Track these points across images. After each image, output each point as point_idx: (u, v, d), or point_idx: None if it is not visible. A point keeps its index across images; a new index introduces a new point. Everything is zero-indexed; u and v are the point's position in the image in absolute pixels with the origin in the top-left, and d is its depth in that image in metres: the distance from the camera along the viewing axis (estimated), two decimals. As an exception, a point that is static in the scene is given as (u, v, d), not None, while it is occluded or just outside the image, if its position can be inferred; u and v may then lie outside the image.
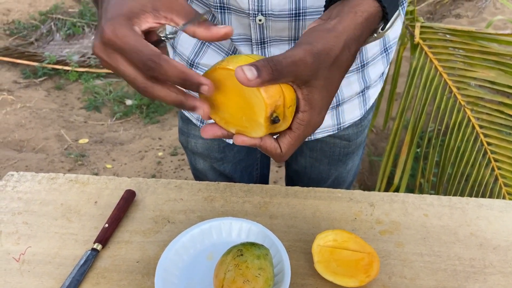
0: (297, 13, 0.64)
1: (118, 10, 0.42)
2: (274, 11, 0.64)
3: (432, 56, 1.61)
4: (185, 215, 0.69)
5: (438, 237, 0.64)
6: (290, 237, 0.65)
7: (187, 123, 0.87)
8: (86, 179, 0.75)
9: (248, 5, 0.63)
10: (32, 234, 0.66)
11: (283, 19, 0.65)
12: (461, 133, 1.51)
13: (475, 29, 1.56)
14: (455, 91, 1.56)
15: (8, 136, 2.22)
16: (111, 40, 0.40)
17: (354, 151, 0.89)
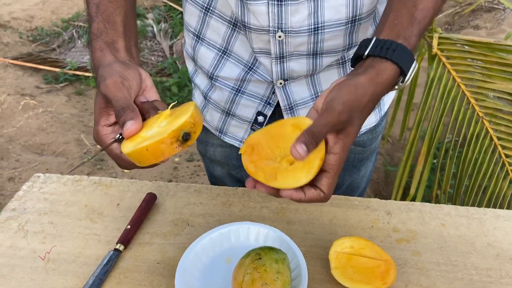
0: (315, 27, 0.67)
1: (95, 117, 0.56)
2: (294, 28, 0.66)
3: (450, 67, 1.61)
4: (204, 219, 0.71)
5: (455, 246, 0.64)
6: (307, 242, 0.66)
7: (205, 132, 0.89)
8: (109, 182, 0.78)
9: (269, 23, 0.66)
10: (57, 234, 0.68)
11: (302, 34, 0.67)
12: (478, 144, 1.50)
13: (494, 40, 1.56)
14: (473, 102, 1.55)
15: (30, 140, 2.27)
16: (100, 145, 0.56)
17: (368, 157, 0.90)
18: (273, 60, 0.70)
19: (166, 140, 0.49)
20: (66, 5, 3.82)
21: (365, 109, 0.52)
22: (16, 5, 3.71)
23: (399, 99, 1.82)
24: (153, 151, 0.49)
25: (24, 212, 0.72)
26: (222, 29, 0.73)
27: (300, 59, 0.71)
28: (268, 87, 0.75)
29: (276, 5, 0.64)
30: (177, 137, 0.49)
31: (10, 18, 3.52)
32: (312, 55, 0.70)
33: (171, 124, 0.50)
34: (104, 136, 0.55)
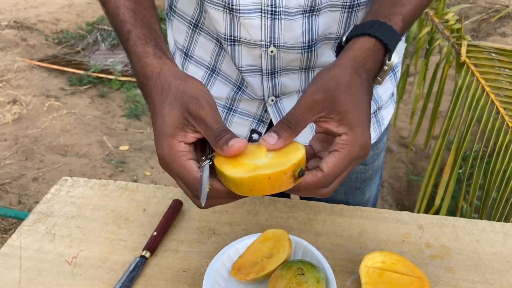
0: (310, 45, 0.65)
1: (161, 128, 0.48)
2: (287, 44, 0.64)
3: (479, 75, 1.57)
4: (230, 227, 0.70)
5: (491, 264, 0.62)
6: (336, 255, 0.64)
7: None
8: (135, 187, 0.78)
9: (261, 37, 0.64)
10: (84, 238, 0.69)
11: (295, 50, 0.65)
12: (508, 155, 1.46)
13: (525, 49, 1.52)
14: (502, 112, 1.51)
15: (54, 141, 2.31)
16: (165, 165, 0.49)
17: (371, 177, 0.87)
18: (264, 76, 0.68)
19: (287, 172, 0.45)
20: (91, 9, 3.88)
21: (352, 85, 0.48)
22: (43, 8, 3.80)
23: (425, 107, 1.79)
24: (274, 180, 0.45)
25: (52, 215, 0.73)
26: (210, 46, 0.71)
27: (292, 74, 0.69)
28: (260, 104, 0.73)
29: (270, 19, 0.62)
30: (294, 172, 0.46)
31: (36, 21, 3.60)
32: (304, 69, 0.69)
33: (284, 158, 0.46)
34: (181, 153, 0.47)
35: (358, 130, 0.47)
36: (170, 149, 0.47)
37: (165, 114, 0.48)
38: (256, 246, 0.63)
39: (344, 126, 0.47)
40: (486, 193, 1.47)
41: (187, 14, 0.71)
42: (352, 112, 0.47)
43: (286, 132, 0.47)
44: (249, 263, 0.61)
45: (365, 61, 0.51)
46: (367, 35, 0.51)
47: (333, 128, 0.48)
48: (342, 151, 0.47)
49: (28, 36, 3.39)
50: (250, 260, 0.62)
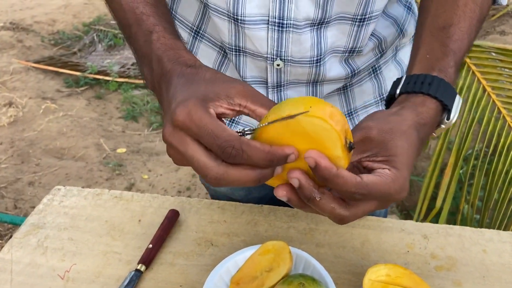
0: (318, 59, 0.62)
1: (191, 93, 0.41)
2: (294, 58, 0.62)
3: (480, 75, 1.55)
4: (228, 239, 0.68)
5: (499, 276, 0.60)
6: (338, 268, 0.62)
7: None
8: (130, 196, 0.75)
9: (267, 49, 0.61)
10: (77, 251, 0.66)
11: (303, 65, 0.62)
12: (510, 156, 1.44)
13: (527, 48, 1.50)
14: (504, 112, 1.49)
15: (50, 144, 2.28)
16: (185, 123, 0.39)
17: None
18: (270, 89, 0.65)
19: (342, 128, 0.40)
20: (88, 9, 3.86)
21: (408, 135, 0.45)
22: (39, 9, 3.77)
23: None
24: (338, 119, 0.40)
25: (44, 227, 0.70)
26: (212, 55, 0.68)
27: (299, 87, 0.66)
28: None
29: (277, 31, 0.59)
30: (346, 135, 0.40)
31: (32, 22, 3.57)
32: (312, 83, 0.66)
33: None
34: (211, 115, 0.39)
35: (403, 171, 0.43)
36: (197, 108, 0.39)
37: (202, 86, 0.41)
38: (256, 259, 0.61)
39: (388, 164, 0.44)
40: (488, 194, 1.46)
41: (188, 20, 0.69)
42: (402, 156, 0.44)
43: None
44: (248, 277, 0.59)
45: (426, 122, 0.47)
46: (428, 95, 0.48)
47: (376, 165, 0.44)
48: (384, 178, 0.42)
49: (24, 38, 3.36)
50: (249, 274, 0.59)
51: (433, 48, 0.51)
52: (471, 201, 1.54)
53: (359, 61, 0.67)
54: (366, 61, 0.68)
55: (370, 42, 0.66)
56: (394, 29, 0.68)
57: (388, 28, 0.67)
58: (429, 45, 0.52)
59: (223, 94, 0.42)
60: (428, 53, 0.51)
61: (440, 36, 0.52)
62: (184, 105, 0.39)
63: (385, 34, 0.67)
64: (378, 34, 0.66)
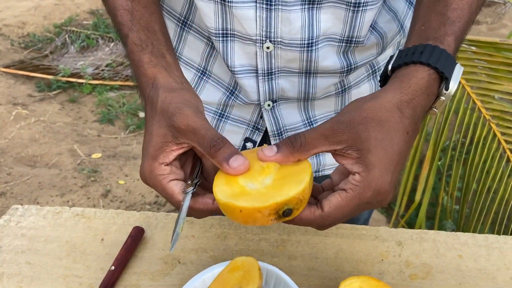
0: (309, 43, 0.59)
1: (146, 151, 0.47)
2: (284, 39, 0.59)
3: (455, 68, 1.54)
4: (196, 255, 0.64)
5: (475, 282, 0.58)
6: (311, 281, 0.60)
7: None
8: (92, 213, 0.71)
9: (256, 30, 0.58)
10: (35, 276, 0.62)
11: (293, 48, 0.60)
12: (486, 148, 1.45)
13: (500, 40, 1.50)
14: (479, 104, 1.49)
15: (22, 152, 2.21)
16: (147, 183, 0.48)
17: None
18: (260, 77, 0.62)
19: (264, 210, 0.42)
20: (58, 10, 3.75)
21: (386, 122, 0.42)
22: (8, 12, 3.65)
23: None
24: (246, 215, 0.43)
25: (0, 251, 0.66)
26: (200, 46, 0.65)
27: (291, 77, 0.63)
28: (255, 110, 0.68)
29: (265, 10, 0.56)
30: (277, 211, 0.41)
31: (1, 25, 3.45)
32: (304, 73, 0.63)
33: (276, 190, 0.42)
34: (162, 176, 0.46)
35: (374, 172, 0.41)
36: (150, 173, 0.47)
37: (153, 133, 0.47)
38: (224, 277, 0.58)
39: (360, 165, 0.41)
40: (466, 185, 1.46)
41: (175, 10, 0.66)
42: (375, 152, 0.41)
43: (287, 149, 0.43)
44: None
45: (413, 96, 0.43)
46: (419, 63, 0.44)
47: (348, 165, 0.43)
48: (350, 192, 0.42)
49: (-7, 42, 3.25)
50: None
51: (429, 19, 0.48)
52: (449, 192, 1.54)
53: (358, 56, 0.64)
54: (365, 57, 0.65)
55: (371, 36, 0.63)
56: (395, 25, 0.66)
57: (389, 23, 0.65)
58: (425, 16, 0.49)
59: (169, 136, 0.46)
60: (423, 25, 0.48)
61: (437, 6, 0.49)
62: (142, 171, 0.48)
63: (386, 29, 0.64)
64: (379, 29, 0.64)
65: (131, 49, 0.52)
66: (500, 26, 3.33)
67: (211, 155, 0.44)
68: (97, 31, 3.44)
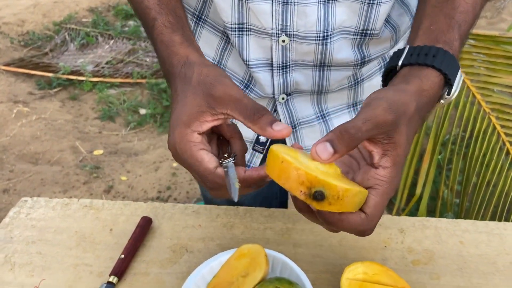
0: (324, 36, 0.60)
1: (178, 118, 0.46)
2: (300, 32, 0.60)
3: (454, 61, 1.55)
4: (203, 244, 0.66)
5: (476, 267, 0.60)
6: (316, 268, 0.61)
7: None
8: (101, 205, 0.73)
9: (272, 24, 0.59)
10: (46, 266, 0.64)
11: (309, 41, 0.60)
12: (486, 141, 1.46)
13: (499, 33, 1.51)
14: (478, 97, 1.50)
15: (24, 149, 2.22)
16: (173, 154, 0.47)
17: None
18: (275, 70, 0.64)
19: (300, 173, 0.40)
20: (58, 8, 3.75)
21: (412, 120, 0.42)
22: (7, 10, 3.65)
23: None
24: (283, 168, 0.41)
25: (11, 241, 0.67)
26: (215, 41, 0.66)
27: (305, 70, 0.64)
28: (269, 103, 0.69)
29: (281, 3, 0.57)
30: (311, 186, 0.40)
31: (1, 24, 3.45)
32: (319, 66, 0.64)
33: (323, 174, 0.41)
34: (193, 143, 0.45)
35: (398, 169, 0.42)
36: (181, 139, 0.45)
37: (187, 103, 0.46)
38: (231, 264, 0.59)
39: (388, 160, 0.42)
40: (467, 178, 1.47)
41: (190, 5, 0.67)
42: (402, 147, 0.42)
43: (343, 147, 0.40)
44: (224, 283, 0.57)
45: (428, 100, 0.45)
46: (431, 67, 0.45)
47: (377, 154, 0.42)
48: (379, 188, 0.42)
49: (-8, 40, 3.26)
50: (225, 280, 0.58)
51: (437, 20, 0.49)
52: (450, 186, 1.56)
53: (373, 49, 0.65)
54: (379, 50, 0.66)
55: (386, 29, 0.64)
56: (407, 18, 0.67)
57: (402, 17, 0.65)
58: (433, 16, 0.49)
59: (205, 106, 0.45)
60: (432, 25, 0.49)
61: (445, 8, 0.49)
62: (172, 137, 0.46)
63: (399, 22, 0.65)
64: (392, 22, 0.65)
65: (160, 31, 0.52)
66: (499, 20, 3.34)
67: (254, 121, 0.44)
68: (97, 28, 3.44)
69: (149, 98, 2.69)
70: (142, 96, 2.71)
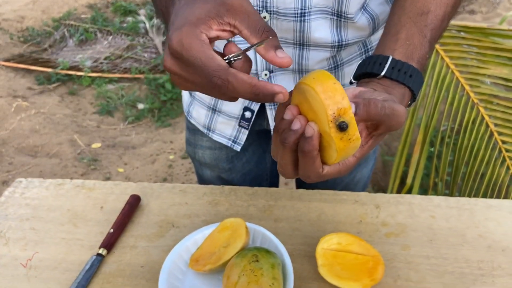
0: (302, 13, 0.63)
1: (186, 17, 0.41)
2: (280, 9, 0.63)
3: (444, 53, 1.58)
4: (189, 220, 0.69)
5: (446, 239, 0.63)
6: (295, 240, 0.64)
7: (194, 133, 0.86)
8: (92, 185, 0.76)
9: (253, 1, 0.62)
10: (39, 240, 0.67)
11: (288, 18, 0.64)
12: (474, 131, 1.49)
13: (487, 25, 1.54)
14: (467, 89, 1.53)
15: (23, 142, 2.26)
16: (177, 51, 0.40)
17: (360, 162, 0.87)
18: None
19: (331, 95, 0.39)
20: (57, 4, 3.78)
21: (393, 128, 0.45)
22: (6, 6, 3.68)
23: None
24: (335, 90, 0.40)
25: (6, 218, 0.71)
26: None
27: (286, 48, 0.67)
28: None
29: None
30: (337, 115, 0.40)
31: (0, 20, 3.48)
32: (299, 45, 0.67)
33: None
34: (203, 41, 0.41)
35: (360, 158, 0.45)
36: (189, 35, 0.40)
37: (195, 6, 0.42)
38: (215, 236, 0.62)
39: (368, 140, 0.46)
40: (456, 168, 1.50)
41: None
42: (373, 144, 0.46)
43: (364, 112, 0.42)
44: (207, 254, 0.61)
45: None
46: (408, 88, 0.49)
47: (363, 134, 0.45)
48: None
49: (-8, 36, 3.29)
50: (208, 251, 0.61)
51: (412, 35, 0.52)
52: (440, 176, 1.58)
53: (351, 34, 0.68)
54: (357, 36, 0.69)
55: (363, 16, 0.67)
56: (388, 7, 0.69)
57: (382, 5, 0.68)
58: (409, 30, 0.53)
59: (214, 12, 0.42)
60: (408, 39, 0.52)
61: (419, 23, 0.53)
62: (177, 33, 0.40)
63: (378, 11, 0.68)
64: (370, 11, 0.67)
65: None
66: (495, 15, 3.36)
67: (260, 38, 0.42)
68: (96, 24, 3.47)
69: (147, 93, 2.72)
70: (140, 91, 2.74)
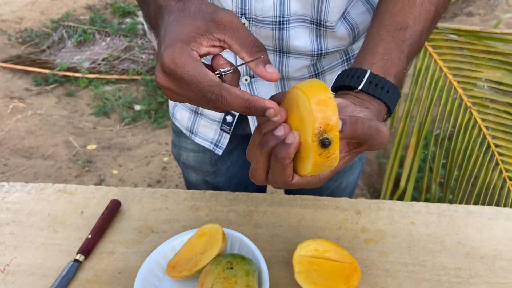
0: (281, 21, 0.63)
1: (176, 36, 0.42)
2: (258, 16, 0.63)
3: (437, 57, 1.58)
4: (169, 225, 0.69)
5: (424, 245, 0.62)
6: (273, 246, 0.64)
7: (178, 135, 0.86)
8: (74, 189, 0.76)
9: (232, 7, 0.62)
10: (18, 245, 0.67)
11: (266, 25, 0.63)
12: (467, 134, 1.48)
13: (480, 28, 1.53)
14: (460, 92, 1.53)
15: (18, 143, 2.26)
16: (171, 69, 0.41)
17: (350, 166, 0.87)
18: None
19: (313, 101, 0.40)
20: (56, 5, 3.79)
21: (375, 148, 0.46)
22: (5, 7, 3.69)
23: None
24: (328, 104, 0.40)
25: (-14, 223, 0.71)
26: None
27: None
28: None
29: None
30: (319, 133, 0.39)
31: (-1, 21, 3.49)
32: (279, 52, 0.67)
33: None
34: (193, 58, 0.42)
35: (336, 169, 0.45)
36: (182, 53, 0.41)
37: (185, 24, 0.43)
38: (192, 242, 0.62)
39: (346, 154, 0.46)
40: (449, 171, 1.50)
41: None
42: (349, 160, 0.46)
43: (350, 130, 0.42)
44: (184, 260, 0.60)
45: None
46: (384, 104, 0.50)
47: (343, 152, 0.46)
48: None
49: (-10, 37, 3.30)
50: (185, 257, 0.61)
51: (390, 50, 0.52)
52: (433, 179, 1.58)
53: (331, 42, 0.67)
54: (337, 45, 0.68)
55: (342, 26, 0.66)
56: (369, 17, 0.69)
57: (363, 15, 0.68)
58: (387, 44, 0.53)
59: (203, 29, 0.43)
60: (386, 54, 0.52)
61: (397, 38, 0.53)
62: (169, 50, 0.41)
63: (358, 20, 0.67)
64: (350, 20, 0.67)
65: None
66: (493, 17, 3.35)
67: (251, 53, 0.43)
68: (94, 26, 3.48)
69: (144, 94, 2.73)
70: (137, 93, 2.74)
